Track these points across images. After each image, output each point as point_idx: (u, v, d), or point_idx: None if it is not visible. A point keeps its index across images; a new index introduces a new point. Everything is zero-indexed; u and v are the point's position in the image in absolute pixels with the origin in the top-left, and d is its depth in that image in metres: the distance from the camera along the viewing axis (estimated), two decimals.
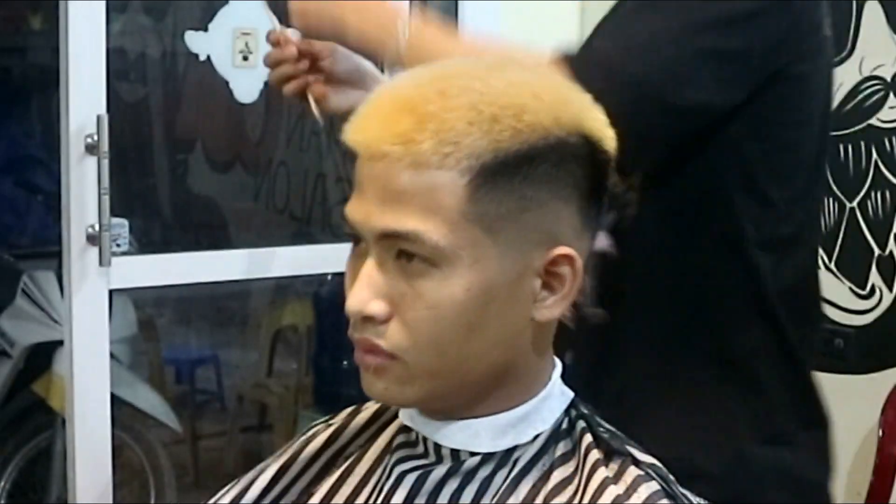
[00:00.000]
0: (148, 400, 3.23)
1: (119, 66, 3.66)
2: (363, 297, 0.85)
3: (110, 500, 2.22)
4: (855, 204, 2.39)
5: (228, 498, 1.00)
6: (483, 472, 0.90)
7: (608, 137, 0.89)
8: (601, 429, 0.91)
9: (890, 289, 2.35)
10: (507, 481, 0.89)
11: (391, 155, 0.82)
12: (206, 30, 2.32)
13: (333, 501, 0.96)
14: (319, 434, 1.02)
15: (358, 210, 0.86)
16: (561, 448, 0.90)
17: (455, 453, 0.90)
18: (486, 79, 0.85)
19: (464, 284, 0.83)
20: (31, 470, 3.21)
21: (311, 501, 0.98)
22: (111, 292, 2.19)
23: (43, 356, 3.12)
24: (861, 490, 2.32)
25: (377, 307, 0.85)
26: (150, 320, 3.86)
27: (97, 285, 2.15)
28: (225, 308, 4.30)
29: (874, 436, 2.29)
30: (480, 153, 0.82)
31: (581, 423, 0.92)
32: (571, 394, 0.94)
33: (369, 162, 0.84)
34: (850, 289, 2.41)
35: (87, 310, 2.15)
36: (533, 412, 0.91)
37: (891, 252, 2.35)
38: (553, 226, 0.86)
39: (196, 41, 2.33)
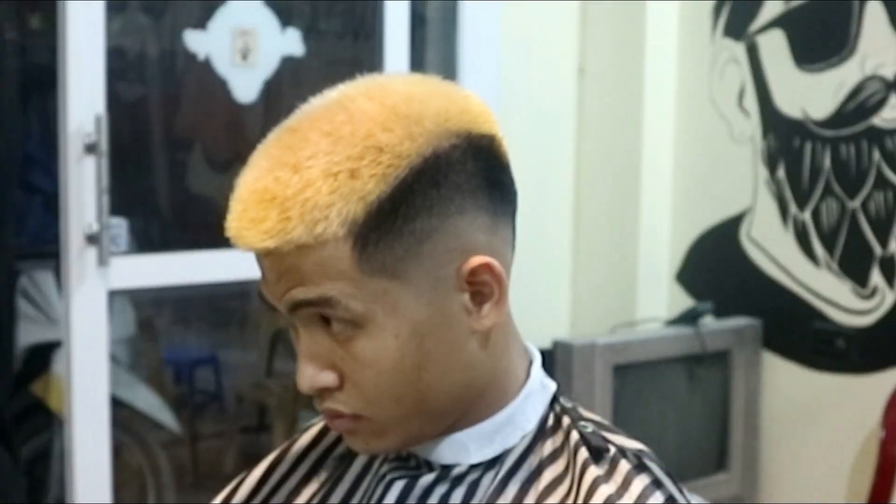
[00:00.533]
0: (147, 400, 3.23)
1: (118, 66, 3.65)
2: (309, 373, 0.86)
3: (109, 501, 2.21)
4: (856, 204, 2.39)
5: (219, 499, 1.00)
6: (471, 476, 0.89)
7: (483, 118, 0.86)
8: (583, 423, 0.90)
9: (891, 289, 2.34)
10: (495, 482, 0.88)
11: (271, 250, 0.82)
12: (204, 29, 2.32)
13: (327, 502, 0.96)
14: (304, 435, 1.02)
15: (268, 292, 0.87)
16: (549, 446, 0.90)
17: (446, 467, 0.90)
18: (332, 133, 0.82)
19: (391, 334, 0.83)
20: (29, 471, 3.20)
21: (297, 501, 0.97)
22: (110, 292, 2.18)
23: (41, 357, 3.11)
24: (863, 490, 2.32)
25: (326, 378, 0.86)
26: (149, 320, 3.85)
27: (96, 285, 2.15)
28: (224, 308, 4.30)
29: (876, 436, 2.29)
30: (353, 216, 0.80)
31: (566, 419, 0.91)
32: (553, 386, 0.93)
33: (258, 256, 0.85)
34: (852, 289, 2.41)
35: (85, 310, 2.14)
36: (517, 413, 0.90)
37: (892, 252, 2.34)
38: (456, 242, 0.83)
39: (195, 40, 2.33)
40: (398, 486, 0.90)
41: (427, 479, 0.90)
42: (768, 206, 2.58)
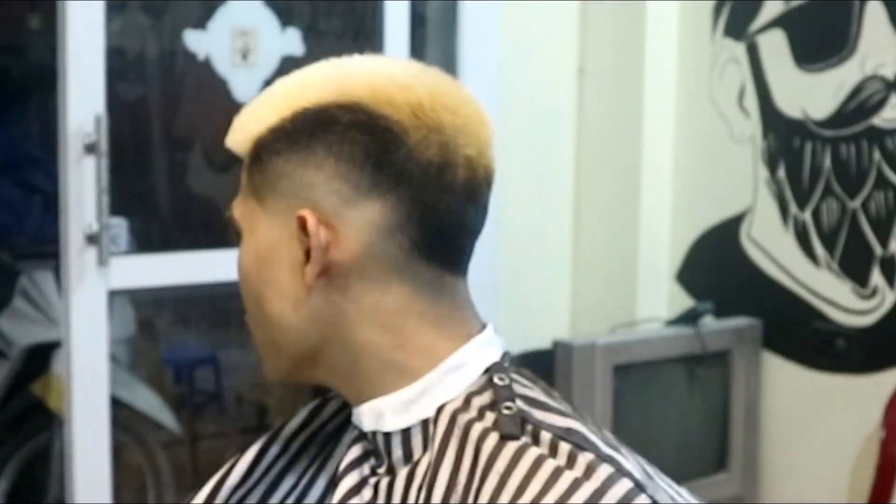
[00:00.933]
0: (147, 400, 3.23)
1: (117, 66, 3.65)
2: None
3: (109, 502, 2.21)
4: (857, 204, 2.39)
5: (212, 482, 1.02)
6: (415, 456, 0.90)
7: (386, 101, 0.89)
8: (508, 403, 0.88)
9: (892, 289, 2.34)
10: (431, 462, 0.88)
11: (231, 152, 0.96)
12: (204, 29, 2.32)
13: (305, 501, 0.99)
14: (298, 414, 1.04)
15: None
16: (479, 426, 0.87)
17: (374, 435, 0.92)
18: (295, 77, 0.95)
19: (246, 251, 0.95)
20: (29, 471, 3.20)
21: (280, 489, 1.01)
22: (110, 292, 2.18)
23: (41, 357, 3.11)
24: (863, 490, 2.32)
25: None
26: (148, 320, 3.85)
27: (96, 285, 2.15)
28: (224, 308, 4.29)
29: (876, 436, 2.29)
30: (250, 138, 0.93)
31: (490, 399, 0.90)
32: (484, 363, 0.92)
33: None
34: (853, 289, 2.41)
35: (85, 310, 2.14)
36: (431, 387, 0.90)
37: (892, 252, 2.34)
38: (306, 193, 0.90)
39: (195, 40, 2.33)
40: (354, 451, 0.94)
41: (386, 480, 0.91)
42: (768, 206, 2.58)
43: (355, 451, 0.94)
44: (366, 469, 0.93)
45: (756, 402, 2.60)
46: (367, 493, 0.92)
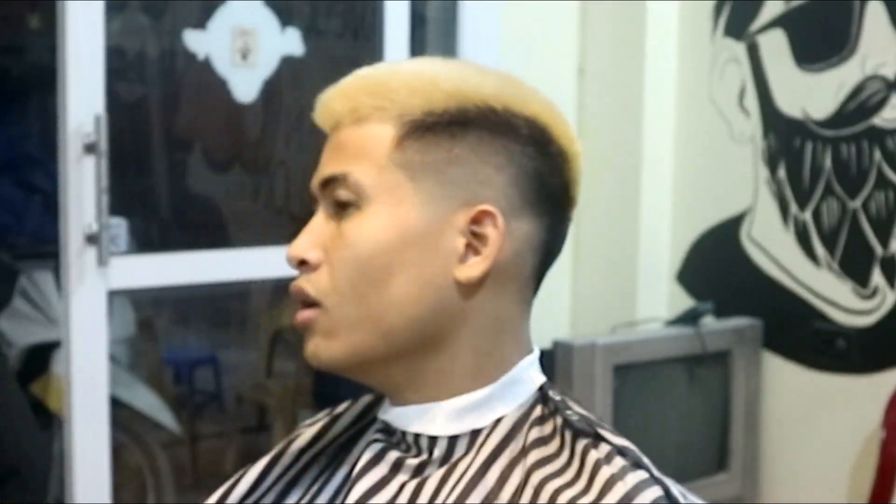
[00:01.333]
0: (146, 401, 3.22)
1: (117, 66, 3.64)
2: (301, 244, 0.91)
3: (109, 502, 2.21)
4: (857, 204, 2.39)
5: (217, 495, 1.00)
6: (454, 458, 0.90)
7: (562, 133, 0.93)
8: (569, 412, 0.90)
9: (892, 289, 2.34)
10: (474, 465, 0.88)
11: (341, 117, 0.91)
12: (204, 28, 2.32)
13: (316, 502, 0.97)
14: (303, 434, 1.02)
15: (316, 178, 0.93)
16: (535, 433, 0.89)
17: (416, 438, 0.91)
18: (447, 64, 0.94)
19: (381, 224, 0.88)
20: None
21: (288, 501, 0.98)
22: (109, 292, 2.18)
23: (41, 357, 3.11)
24: (863, 490, 2.32)
25: (310, 253, 0.91)
26: (148, 321, 3.85)
27: (95, 285, 2.15)
28: (224, 308, 4.29)
29: (877, 436, 2.29)
30: (412, 110, 0.89)
31: (559, 417, 0.91)
32: (541, 380, 0.94)
33: (330, 133, 0.93)
34: (853, 289, 2.41)
35: (85, 310, 2.14)
36: (493, 397, 0.91)
37: (893, 252, 2.34)
38: (480, 188, 0.88)
39: (195, 40, 2.32)
40: (390, 456, 0.92)
41: (416, 460, 0.91)
42: (769, 206, 2.57)
43: (371, 453, 0.93)
44: (384, 468, 0.92)
45: (756, 403, 2.60)
46: (387, 492, 0.91)
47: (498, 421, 0.90)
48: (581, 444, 0.86)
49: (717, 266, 2.72)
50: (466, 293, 0.89)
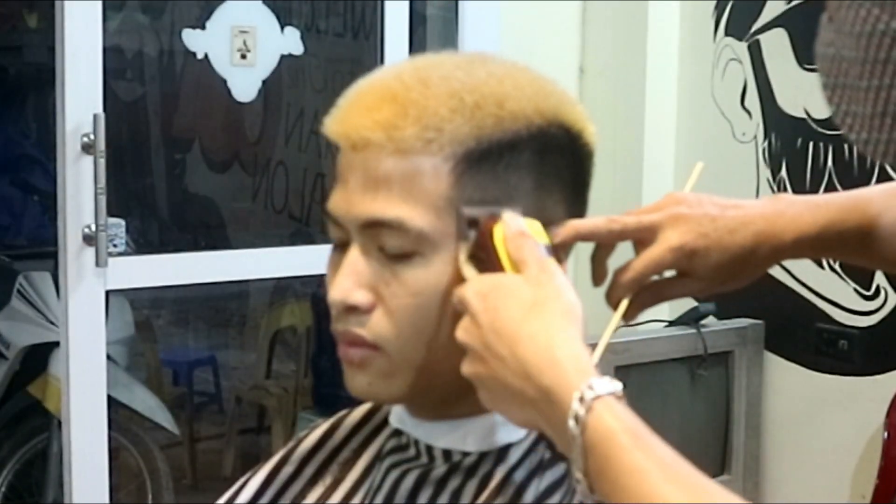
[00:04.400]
0: (145, 402, 3.22)
1: (116, 65, 3.64)
2: (346, 286, 0.83)
3: (107, 503, 2.20)
4: None
5: (223, 500, 0.99)
6: (484, 469, 0.88)
7: (588, 130, 0.90)
8: None
9: (895, 290, 2.33)
10: (503, 476, 0.87)
11: (374, 142, 0.81)
12: (203, 28, 2.31)
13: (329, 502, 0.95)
14: (310, 436, 1.00)
15: (341, 201, 0.84)
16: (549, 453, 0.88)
17: (447, 454, 0.88)
18: (467, 69, 0.85)
19: (448, 271, 0.82)
20: (27, 472, 3.19)
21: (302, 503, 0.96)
22: (108, 293, 2.17)
23: (39, 358, 3.10)
24: (866, 492, 2.31)
25: (361, 296, 0.83)
26: (147, 321, 3.84)
27: (93, 286, 2.14)
28: (223, 309, 4.29)
29: (879, 437, 2.28)
30: (463, 139, 0.81)
31: None
32: None
33: (352, 152, 0.83)
34: (855, 290, 2.40)
35: (83, 311, 2.13)
36: None
37: None
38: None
39: (193, 39, 2.31)
40: (409, 480, 0.89)
41: (439, 471, 0.88)
42: None
43: (392, 479, 0.90)
44: (396, 473, 0.90)
45: (758, 404, 2.59)
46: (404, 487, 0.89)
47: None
48: None
49: None
50: None
